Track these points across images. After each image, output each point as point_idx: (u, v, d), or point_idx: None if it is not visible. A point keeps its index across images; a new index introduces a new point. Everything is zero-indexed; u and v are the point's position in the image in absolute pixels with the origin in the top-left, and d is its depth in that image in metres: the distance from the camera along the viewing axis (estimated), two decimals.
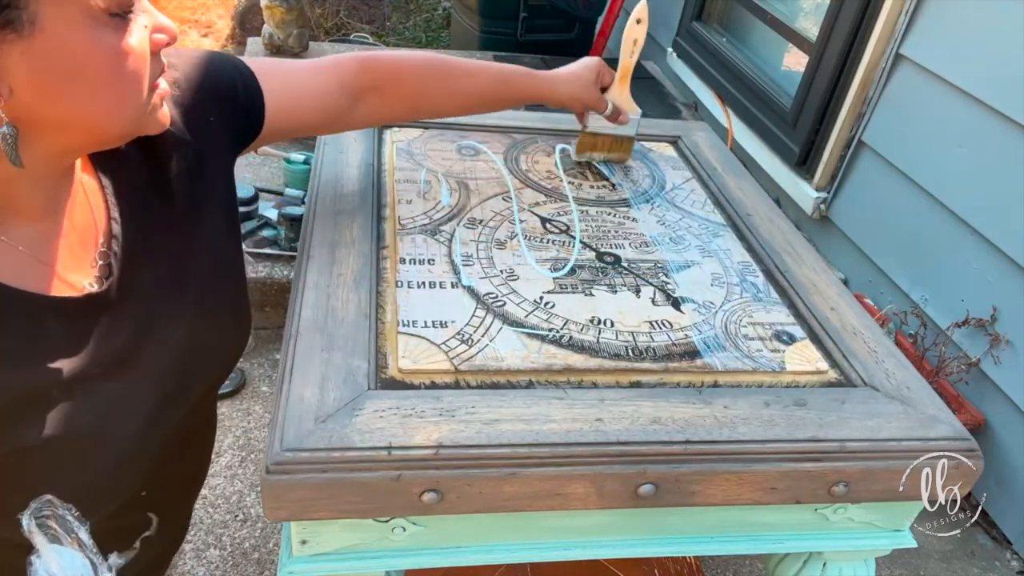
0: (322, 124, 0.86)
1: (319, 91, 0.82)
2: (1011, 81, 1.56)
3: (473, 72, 0.94)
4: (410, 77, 0.89)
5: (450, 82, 0.92)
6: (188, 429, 0.73)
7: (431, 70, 0.91)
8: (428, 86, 0.91)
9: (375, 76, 0.86)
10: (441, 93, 0.93)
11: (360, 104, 0.86)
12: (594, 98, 1.05)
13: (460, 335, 0.78)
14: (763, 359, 0.82)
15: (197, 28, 3.84)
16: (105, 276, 0.60)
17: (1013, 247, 1.58)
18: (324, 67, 0.83)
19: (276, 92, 0.77)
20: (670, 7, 2.98)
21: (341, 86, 0.83)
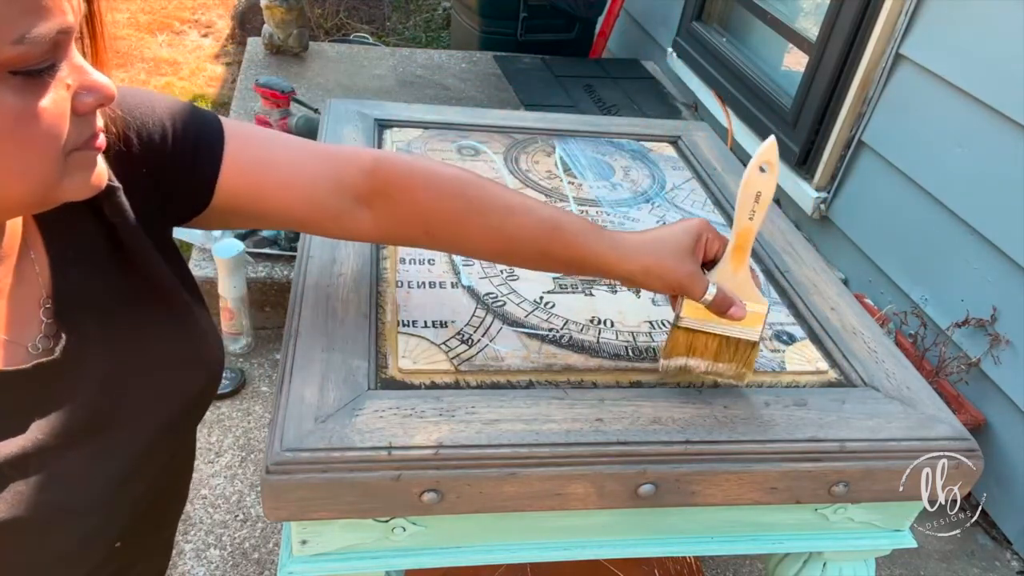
0: (305, 220, 0.69)
1: (304, 177, 0.67)
2: (1011, 81, 1.56)
3: (516, 210, 0.71)
4: (423, 199, 0.70)
5: (478, 216, 0.70)
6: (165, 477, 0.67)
7: (453, 192, 0.70)
8: (441, 216, 0.71)
9: (387, 181, 0.69)
10: (463, 224, 0.71)
11: (360, 210, 0.70)
12: (686, 275, 0.69)
13: (460, 335, 0.78)
14: (763, 359, 0.82)
15: (197, 28, 3.85)
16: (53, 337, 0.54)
17: (1013, 247, 1.58)
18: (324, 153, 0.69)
19: (242, 162, 0.63)
20: (670, 7, 2.98)
21: (338, 181, 0.68)
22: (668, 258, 0.69)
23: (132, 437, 0.58)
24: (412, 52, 3.16)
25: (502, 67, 2.99)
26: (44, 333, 0.54)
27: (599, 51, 3.36)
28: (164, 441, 0.63)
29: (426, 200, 0.70)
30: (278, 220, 0.69)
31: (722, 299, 0.69)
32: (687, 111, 2.78)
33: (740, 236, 0.70)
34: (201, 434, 1.65)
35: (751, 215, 0.69)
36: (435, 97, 2.75)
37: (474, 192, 0.71)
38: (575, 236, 0.70)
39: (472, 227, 0.71)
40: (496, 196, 0.71)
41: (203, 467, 1.58)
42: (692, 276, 0.69)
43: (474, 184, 0.71)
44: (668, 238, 0.70)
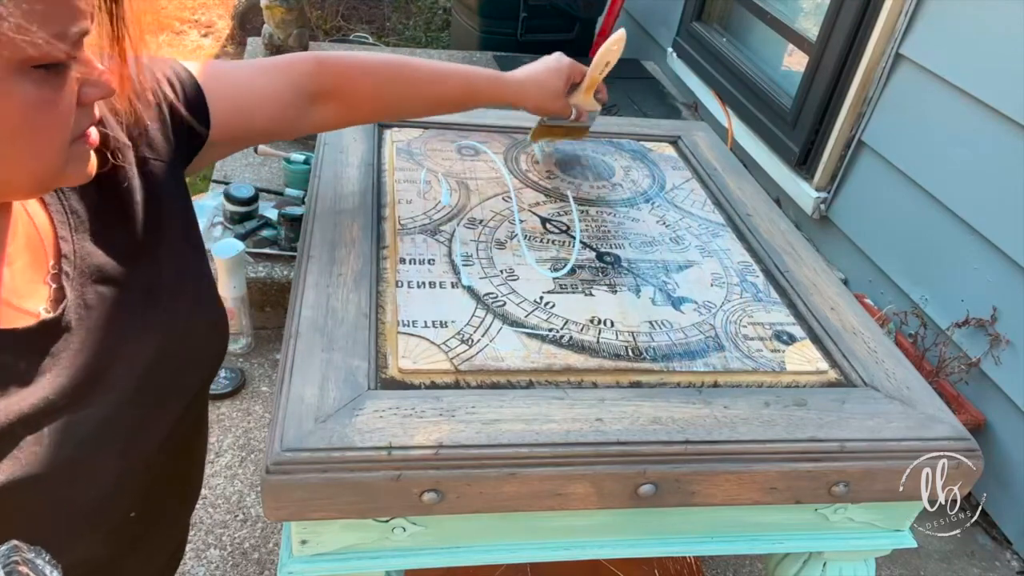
0: (276, 130, 0.80)
1: (270, 94, 0.76)
2: (1011, 81, 1.56)
3: (437, 78, 0.91)
4: (370, 81, 0.86)
5: (412, 87, 0.89)
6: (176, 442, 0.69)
7: (392, 74, 0.87)
8: (389, 91, 0.88)
9: (332, 79, 0.82)
10: (403, 98, 0.90)
11: (316, 108, 0.82)
12: (560, 107, 1.03)
13: (460, 335, 0.78)
14: (763, 359, 0.82)
15: (197, 28, 3.85)
16: (60, 299, 0.56)
17: (1013, 247, 1.58)
18: (276, 68, 0.78)
19: (221, 97, 0.71)
20: (670, 7, 2.98)
21: (295, 89, 0.79)
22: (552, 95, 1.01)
23: (141, 397, 0.60)
24: (412, 52, 3.16)
25: (502, 67, 2.98)
26: (52, 297, 0.56)
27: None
28: (173, 401, 0.65)
29: (369, 86, 0.86)
30: (257, 136, 0.80)
31: (577, 114, 1.06)
32: (687, 111, 2.78)
33: (590, 82, 1.05)
34: None
35: (601, 72, 1.05)
36: None
37: (405, 72, 0.88)
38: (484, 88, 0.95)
39: (407, 100, 0.91)
40: (419, 69, 0.89)
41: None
42: (563, 107, 1.04)
43: (402, 64, 0.89)
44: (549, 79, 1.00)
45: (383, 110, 0.93)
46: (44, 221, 0.57)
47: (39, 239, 0.56)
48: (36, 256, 0.56)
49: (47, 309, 0.55)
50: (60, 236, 0.57)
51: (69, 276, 0.56)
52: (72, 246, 0.57)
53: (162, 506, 0.71)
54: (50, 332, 0.54)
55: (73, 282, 0.56)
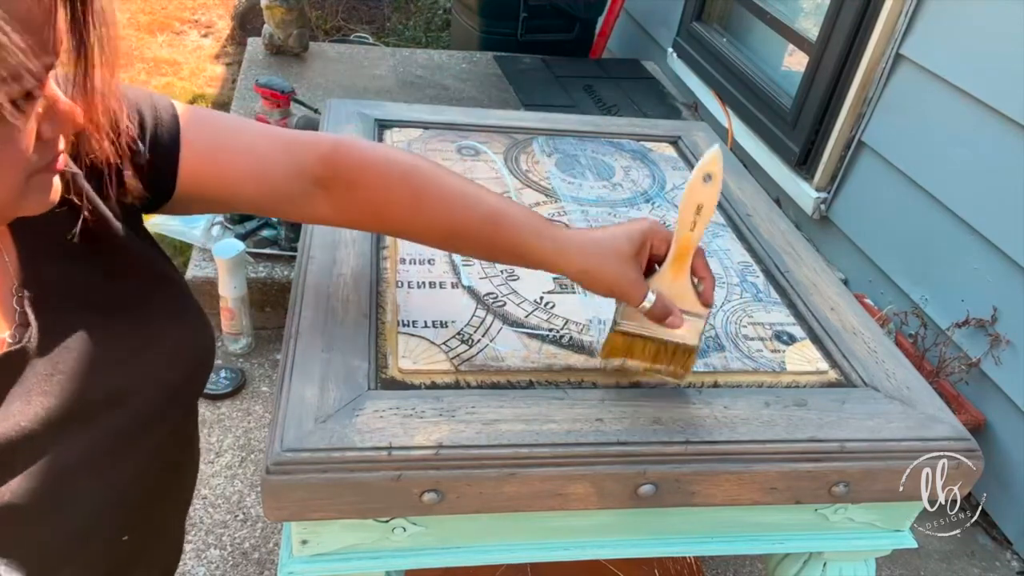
0: (264, 204, 0.70)
1: (263, 162, 0.67)
2: (1011, 81, 1.56)
3: (456, 201, 0.71)
4: (373, 186, 0.71)
5: (421, 203, 0.71)
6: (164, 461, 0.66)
7: (404, 182, 0.71)
8: (393, 201, 0.71)
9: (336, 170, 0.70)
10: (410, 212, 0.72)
11: (321, 197, 0.70)
12: (626, 282, 0.68)
13: (460, 335, 0.78)
14: (763, 359, 0.82)
15: (197, 28, 3.85)
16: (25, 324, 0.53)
17: (1013, 247, 1.58)
18: (284, 139, 0.69)
19: (201, 148, 0.63)
20: (670, 7, 2.98)
21: (296, 165, 0.68)
22: (608, 262, 0.68)
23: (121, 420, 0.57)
24: (412, 52, 3.16)
25: (502, 67, 2.99)
26: (19, 322, 0.53)
27: (599, 51, 3.36)
28: (158, 422, 0.62)
29: (377, 187, 0.71)
30: (239, 204, 0.69)
31: (660, 308, 0.69)
32: (687, 111, 2.78)
33: (680, 246, 0.69)
34: (201, 434, 1.65)
35: (692, 226, 0.68)
36: (435, 97, 2.75)
37: (421, 180, 0.71)
38: (519, 231, 0.70)
39: (419, 216, 0.72)
40: (443, 184, 0.71)
41: (203, 467, 1.58)
42: (632, 283, 0.68)
43: (423, 171, 0.71)
44: (611, 241, 0.69)
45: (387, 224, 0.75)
46: (9, 246, 0.55)
47: (2, 264, 0.54)
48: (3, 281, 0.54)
49: (12, 336, 0.53)
50: (24, 263, 0.55)
51: (33, 302, 0.54)
52: (36, 271, 0.55)
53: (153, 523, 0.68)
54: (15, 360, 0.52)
55: (38, 307, 0.54)
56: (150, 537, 0.69)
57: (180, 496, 0.75)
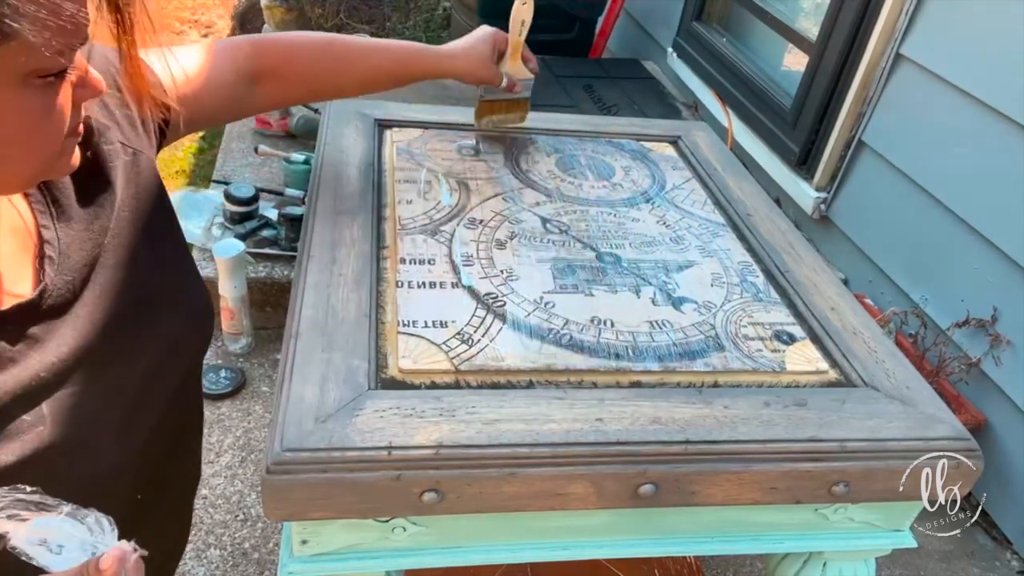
0: (223, 111, 0.84)
1: (216, 77, 0.79)
2: (1011, 81, 1.56)
3: (370, 52, 0.95)
4: (305, 59, 0.89)
5: (345, 64, 0.93)
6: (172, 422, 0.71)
7: (326, 52, 0.91)
8: (323, 68, 0.91)
9: (270, 59, 0.85)
10: (337, 74, 0.93)
11: (257, 88, 0.86)
12: (490, 73, 1.06)
13: (460, 335, 0.78)
14: (763, 359, 0.82)
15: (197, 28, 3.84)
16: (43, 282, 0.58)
17: (1013, 247, 1.58)
18: (218, 52, 0.81)
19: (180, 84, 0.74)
20: (670, 7, 2.98)
21: (236, 71, 0.82)
22: (479, 62, 1.04)
23: (134, 374, 0.63)
24: None
25: None
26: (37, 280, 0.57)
27: (599, 51, 3.36)
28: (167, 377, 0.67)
29: (306, 65, 0.90)
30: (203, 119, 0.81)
31: (510, 81, 1.10)
32: (687, 111, 2.78)
33: (512, 47, 1.10)
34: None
35: (519, 33, 1.10)
36: (435, 97, 2.74)
37: (338, 49, 0.92)
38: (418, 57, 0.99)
39: (342, 77, 0.94)
40: (352, 46, 0.94)
41: (203, 467, 1.58)
42: (494, 73, 1.07)
43: (335, 41, 0.92)
44: (477, 45, 1.04)
45: (318, 87, 0.95)
46: (25, 209, 0.58)
47: (24, 226, 0.58)
48: (21, 242, 0.58)
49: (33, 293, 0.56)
50: (42, 224, 0.58)
51: (53, 261, 0.58)
52: (55, 233, 0.59)
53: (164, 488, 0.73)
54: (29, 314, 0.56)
55: (57, 267, 0.58)
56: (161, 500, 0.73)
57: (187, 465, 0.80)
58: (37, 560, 0.49)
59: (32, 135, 0.49)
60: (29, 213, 0.59)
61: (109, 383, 0.61)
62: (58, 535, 0.49)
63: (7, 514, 0.47)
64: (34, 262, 0.58)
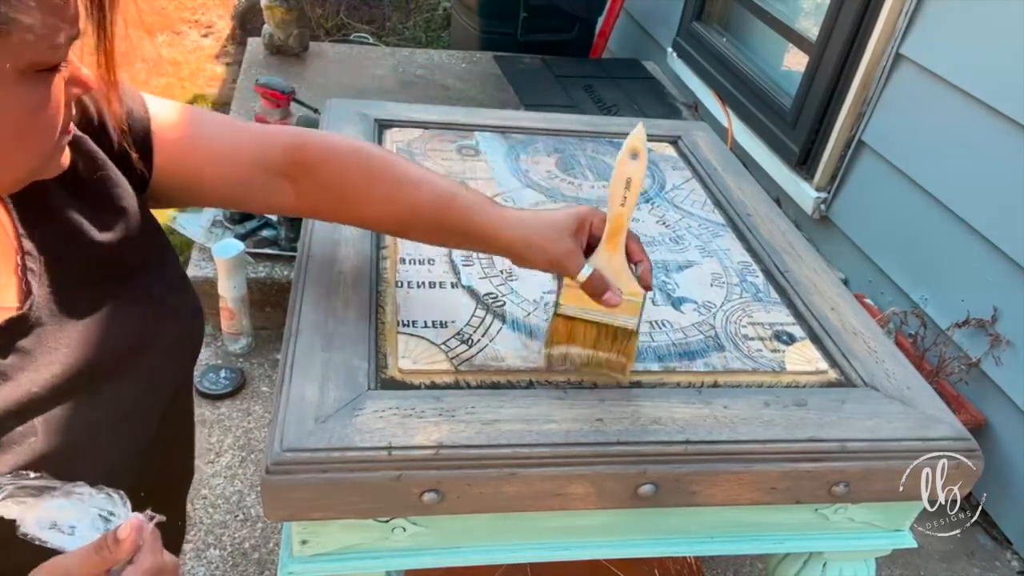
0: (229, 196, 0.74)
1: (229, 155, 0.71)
2: (1011, 81, 1.56)
3: (409, 181, 0.75)
4: (334, 170, 0.74)
5: (377, 186, 0.75)
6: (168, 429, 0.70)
7: (360, 167, 0.75)
8: (351, 185, 0.75)
9: (300, 158, 0.73)
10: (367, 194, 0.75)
11: (283, 187, 0.74)
12: (564, 252, 0.70)
13: (460, 335, 0.78)
14: (763, 359, 0.82)
15: (197, 28, 3.85)
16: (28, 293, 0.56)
17: (1013, 247, 1.58)
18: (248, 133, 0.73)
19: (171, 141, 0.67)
20: (670, 7, 2.98)
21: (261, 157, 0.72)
22: (549, 234, 0.71)
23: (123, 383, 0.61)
24: (412, 52, 3.16)
25: (502, 67, 2.99)
26: (20, 291, 0.56)
27: (599, 51, 3.36)
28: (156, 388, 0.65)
29: (335, 175, 0.74)
30: (207, 196, 0.73)
31: (597, 280, 0.70)
32: (687, 111, 2.78)
33: (613, 222, 0.71)
34: (201, 434, 1.66)
35: (623, 201, 0.70)
36: (435, 97, 2.75)
37: (377, 163, 0.75)
38: (467, 207, 0.73)
39: (375, 197, 0.75)
40: (396, 169, 0.75)
41: (203, 467, 1.58)
42: (569, 254, 0.70)
43: (377, 157, 0.76)
44: (552, 217, 0.72)
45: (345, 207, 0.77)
46: (3, 217, 0.57)
47: (4, 234, 0.57)
48: (3, 251, 0.56)
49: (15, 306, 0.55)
50: (20, 232, 0.57)
51: (35, 272, 0.57)
52: (35, 241, 0.58)
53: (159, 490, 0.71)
54: (19, 328, 0.55)
55: (39, 277, 0.57)
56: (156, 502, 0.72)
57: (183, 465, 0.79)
58: (50, 543, 0.49)
59: (28, 130, 0.48)
60: (9, 223, 0.57)
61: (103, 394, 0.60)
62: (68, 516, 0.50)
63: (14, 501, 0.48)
64: (16, 271, 0.56)
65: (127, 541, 0.49)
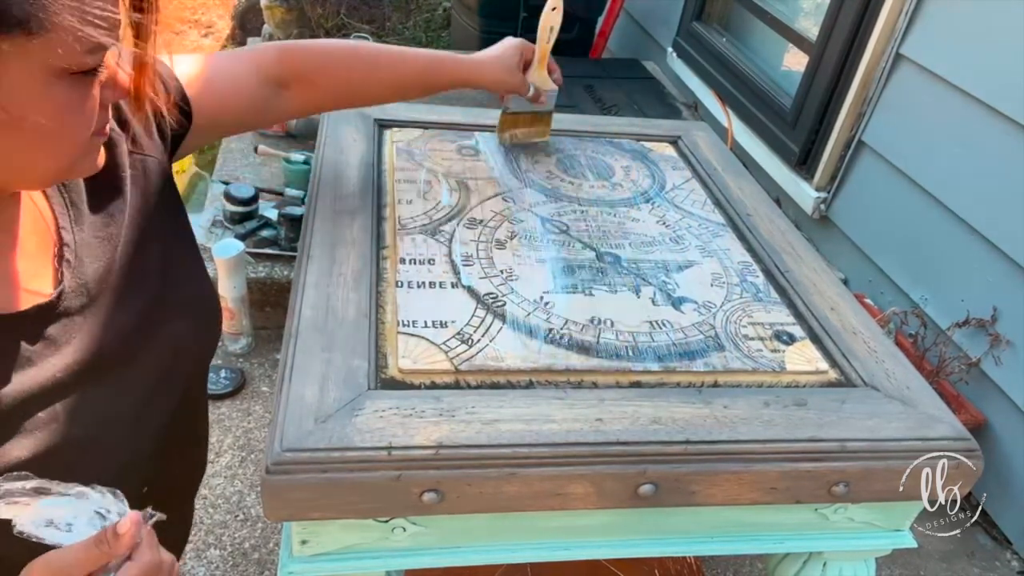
0: (248, 117, 0.83)
1: (242, 83, 0.80)
2: (1011, 81, 1.56)
3: (398, 60, 0.93)
4: (334, 66, 0.88)
5: (375, 71, 0.92)
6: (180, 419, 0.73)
7: (355, 59, 0.90)
8: (353, 75, 0.90)
9: (295, 65, 0.85)
10: (366, 81, 0.92)
11: (284, 94, 0.85)
12: (517, 81, 1.05)
13: (460, 335, 0.78)
14: (763, 359, 0.82)
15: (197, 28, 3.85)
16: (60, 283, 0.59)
17: (1013, 247, 1.58)
18: (242, 57, 0.82)
19: (201, 90, 0.74)
20: (670, 7, 2.98)
21: (261, 76, 0.82)
22: (508, 70, 1.03)
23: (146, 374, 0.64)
24: None
25: None
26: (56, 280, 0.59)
27: (599, 51, 3.36)
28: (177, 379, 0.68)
29: (335, 72, 0.89)
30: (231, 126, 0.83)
31: (536, 94, 1.10)
32: (687, 111, 2.78)
33: (540, 54, 1.09)
34: None
35: (547, 40, 1.09)
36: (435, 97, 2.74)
37: (367, 56, 0.91)
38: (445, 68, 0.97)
39: (371, 84, 0.93)
40: (381, 53, 0.93)
41: None
42: (522, 82, 1.06)
43: (363, 48, 0.92)
44: (505, 55, 1.03)
45: (346, 94, 0.93)
46: (46, 209, 0.60)
47: (44, 225, 0.59)
48: (42, 242, 0.59)
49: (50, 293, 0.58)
50: (61, 226, 0.60)
51: (71, 264, 0.59)
52: (72, 235, 0.60)
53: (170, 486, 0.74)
54: (50, 315, 0.57)
55: (74, 269, 0.59)
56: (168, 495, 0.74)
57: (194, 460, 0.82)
58: (48, 540, 0.49)
59: (61, 130, 0.50)
60: (50, 214, 0.60)
61: (121, 384, 0.62)
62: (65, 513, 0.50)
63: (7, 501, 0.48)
64: (53, 262, 0.59)
65: (127, 535, 0.50)
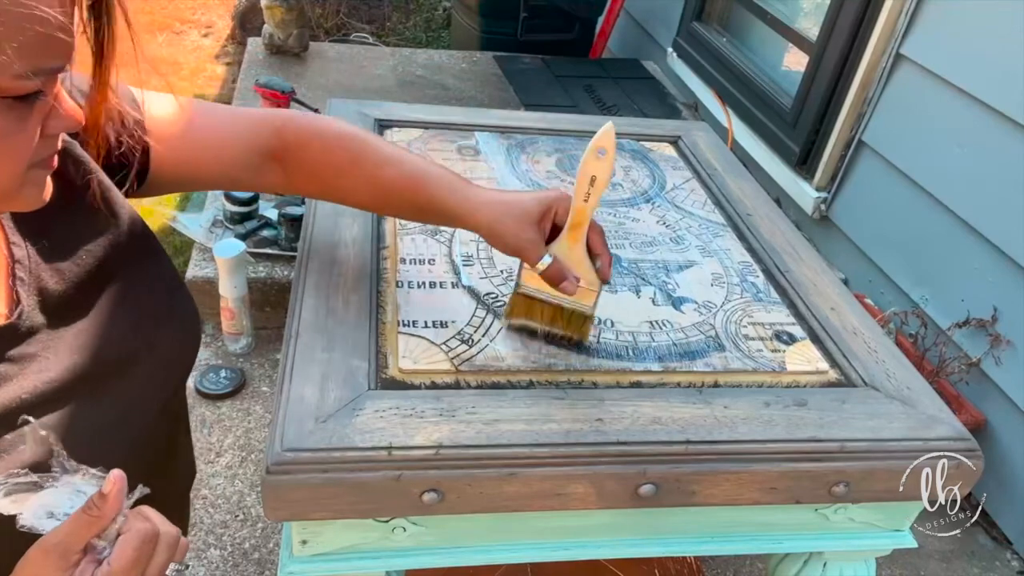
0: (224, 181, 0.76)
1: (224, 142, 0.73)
2: (1011, 81, 1.56)
3: (385, 163, 0.77)
4: (316, 152, 0.77)
5: (356, 167, 0.77)
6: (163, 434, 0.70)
7: (342, 148, 0.77)
8: (334, 168, 0.77)
9: (286, 141, 0.76)
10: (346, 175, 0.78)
11: (272, 168, 0.77)
12: (525, 241, 0.73)
13: (460, 335, 0.78)
14: (763, 359, 0.82)
15: (197, 28, 3.85)
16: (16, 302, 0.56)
17: (1013, 247, 1.58)
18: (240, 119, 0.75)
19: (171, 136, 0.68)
20: (670, 7, 2.98)
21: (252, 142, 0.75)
22: (512, 221, 0.73)
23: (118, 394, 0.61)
24: (412, 52, 3.16)
25: (502, 67, 2.99)
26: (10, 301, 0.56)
27: (599, 51, 3.36)
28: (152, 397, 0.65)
29: (319, 153, 0.77)
30: (203, 182, 0.76)
31: (555, 270, 0.73)
32: (687, 111, 2.78)
33: (575, 216, 0.73)
34: (201, 434, 1.66)
35: (586, 198, 0.72)
36: (435, 97, 2.75)
37: (357, 146, 0.77)
38: (438, 188, 0.75)
39: (354, 177, 0.77)
40: (375, 149, 0.78)
41: (203, 467, 1.58)
42: (531, 243, 0.73)
43: (358, 138, 0.78)
44: (518, 202, 0.74)
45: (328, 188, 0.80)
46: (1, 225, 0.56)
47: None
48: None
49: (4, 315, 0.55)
50: (12, 242, 0.56)
51: (24, 281, 0.56)
52: (25, 251, 0.57)
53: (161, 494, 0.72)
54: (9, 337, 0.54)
55: (28, 287, 0.56)
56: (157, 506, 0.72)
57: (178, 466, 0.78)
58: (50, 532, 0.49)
59: None
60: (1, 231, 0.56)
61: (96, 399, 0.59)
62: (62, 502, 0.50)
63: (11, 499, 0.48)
64: (7, 281, 0.55)
65: (112, 494, 0.49)
